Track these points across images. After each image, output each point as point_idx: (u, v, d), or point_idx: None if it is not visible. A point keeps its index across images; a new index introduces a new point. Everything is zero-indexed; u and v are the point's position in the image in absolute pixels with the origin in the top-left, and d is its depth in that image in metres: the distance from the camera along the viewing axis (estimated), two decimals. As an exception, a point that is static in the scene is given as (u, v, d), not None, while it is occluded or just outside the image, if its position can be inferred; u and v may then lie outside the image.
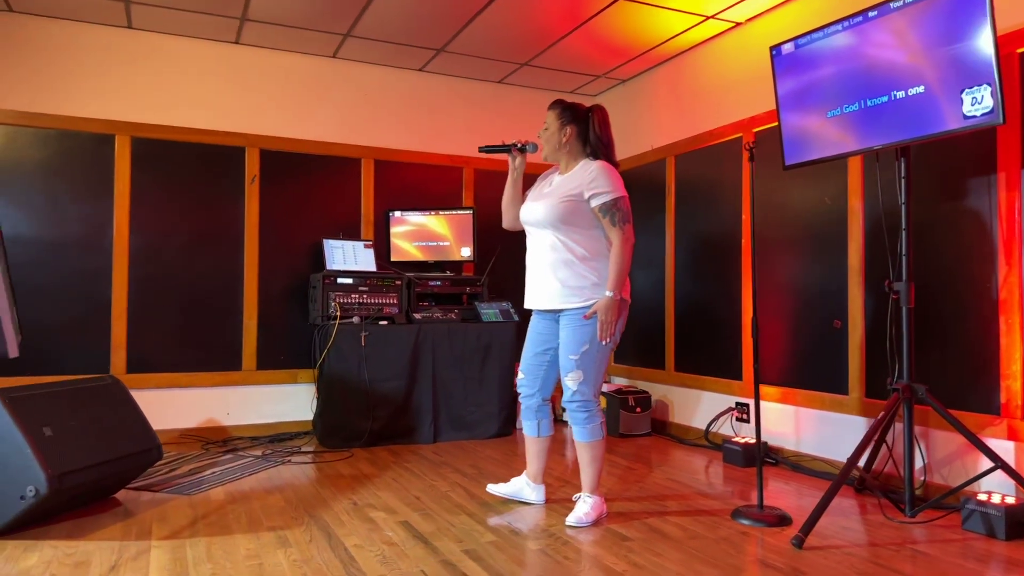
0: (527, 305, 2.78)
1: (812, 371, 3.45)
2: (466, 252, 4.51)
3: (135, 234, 4.03)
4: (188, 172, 4.17)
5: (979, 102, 2.23)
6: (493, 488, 2.90)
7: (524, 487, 2.86)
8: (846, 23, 2.61)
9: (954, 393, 2.79)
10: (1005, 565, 2.22)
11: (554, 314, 2.71)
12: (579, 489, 2.78)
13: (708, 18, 3.85)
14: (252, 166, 4.31)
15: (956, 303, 2.81)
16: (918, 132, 2.42)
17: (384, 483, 3.19)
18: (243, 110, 4.30)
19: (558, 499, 2.93)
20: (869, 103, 2.56)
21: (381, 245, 4.53)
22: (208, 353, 4.18)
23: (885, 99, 2.50)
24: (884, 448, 2.89)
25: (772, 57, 2.90)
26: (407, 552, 2.31)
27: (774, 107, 3.65)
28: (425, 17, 3.87)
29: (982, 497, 2.50)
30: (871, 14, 2.53)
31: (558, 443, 4.13)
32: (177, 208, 4.14)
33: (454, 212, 4.52)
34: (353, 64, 4.58)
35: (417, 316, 4.21)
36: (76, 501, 2.68)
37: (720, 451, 3.79)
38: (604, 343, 2.58)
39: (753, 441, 3.59)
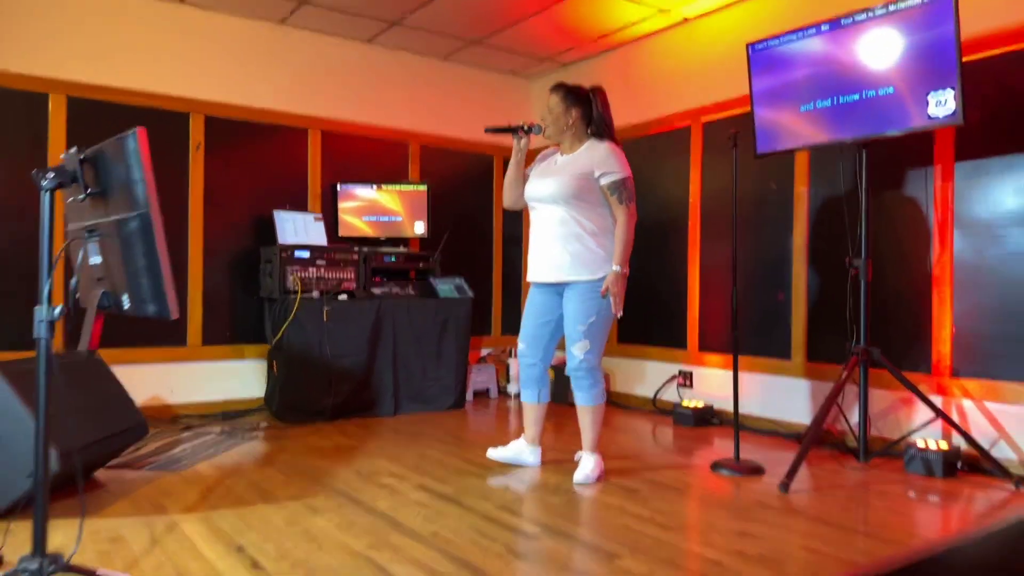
0: (531, 278, 2.91)
1: (757, 339, 3.81)
2: (420, 228, 4.55)
3: (72, 201, 3.76)
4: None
5: (943, 104, 2.60)
6: (493, 452, 3.02)
7: (523, 450, 3.00)
8: (822, 26, 2.93)
9: (894, 355, 3.21)
10: (945, 496, 2.63)
11: (558, 287, 2.86)
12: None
13: (660, 11, 4.10)
14: (197, 133, 4.12)
15: (896, 278, 3.23)
16: (886, 128, 2.77)
17: (373, 452, 3.23)
18: (188, 74, 4.09)
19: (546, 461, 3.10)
20: (841, 100, 2.89)
21: (329, 218, 4.47)
22: (150, 328, 3.98)
23: (856, 97, 2.84)
24: (835, 405, 3.27)
25: (749, 53, 3.19)
26: (444, 511, 2.40)
27: (723, 99, 3.99)
28: (393, -10, 3.86)
29: (920, 444, 2.93)
30: (844, 21, 2.85)
31: (503, 411, 4.30)
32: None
33: (407, 187, 4.54)
34: (303, 32, 4.46)
35: (377, 292, 4.22)
36: (71, 481, 2.54)
37: (668, 416, 4.11)
38: (601, 314, 2.77)
39: (702, 405, 3.92)
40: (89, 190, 1.44)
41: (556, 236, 2.78)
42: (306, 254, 4.07)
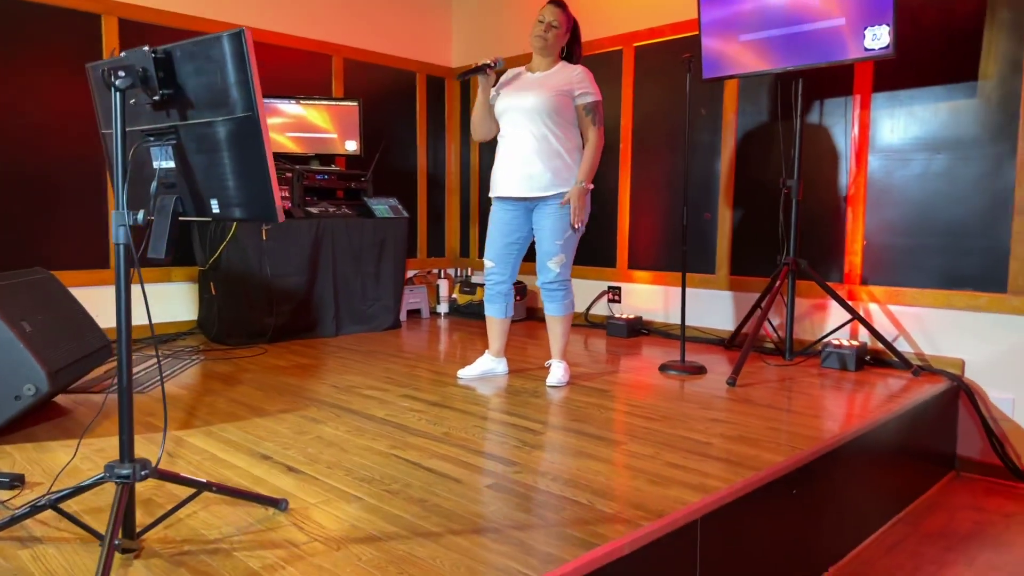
0: (504, 193, 3.00)
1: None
2: (351, 146, 4.46)
3: (-26, 109, 3.40)
4: (34, 41, 3.56)
5: (878, 38, 2.90)
6: (463, 372, 3.13)
7: (491, 363, 3.15)
8: (771, -40, 3.14)
9: (812, 267, 3.61)
10: (857, 385, 3.06)
11: (529, 203, 2.98)
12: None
13: (597, -66, 4.17)
14: (111, 38, 3.80)
15: (816, 198, 3.60)
16: (825, 59, 3.05)
17: (337, 369, 3.27)
18: (97, -30, 3.73)
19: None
20: (785, 31, 3.13)
21: (255, 136, 4.28)
22: (72, 250, 3.73)
23: (801, 28, 3.09)
24: (759, 311, 3.65)
25: (697, -19, 3.35)
26: (442, 415, 2.53)
27: (655, 25, 4.16)
28: None
29: (836, 343, 3.36)
30: (791, -45, 3.07)
31: (442, 330, 4.43)
32: (24, 83, 3.54)
33: (337, 103, 4.42)
34: (219, -69, 4.15)
35: (314, 211, 4.14)
36: (44, 405, 2.44)
37: (601, 328, 4.39)
38: (577, 228, 2.93)
39: (633, 316, 4.23)
40: (163, 92, 1.39)
41: (535, 152, 2.88)
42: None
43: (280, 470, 1.99)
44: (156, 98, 1.39)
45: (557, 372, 2.99)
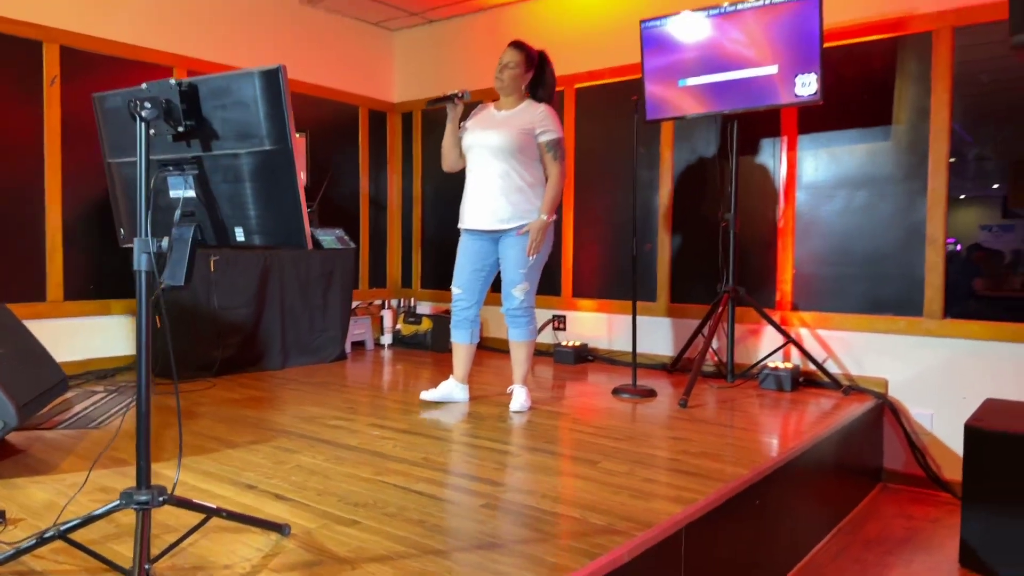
0: (469, 226, 3.10)
1: (627, 284, 4.32)
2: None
3: (-96, 135, 3.24)
4: (-30, 64, 3.44)
5: (807, 85, 3.19)
6: (426, 394, 3.19)
7: (454, 389, 3.21)
8: (710, 10, 3.40)
9: (748, 293, 3.86)
10: (794, 404, 3.29)
11: (495, 235, 3.09)
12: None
13: (540, -20, 4.38)
14: (52, 65, 3.70)
15: (750, 230, 3.86)
16: (760, 103, 3.32)
17: (294, 401, 3.26)
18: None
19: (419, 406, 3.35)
20: (723, 77, 3.39)
21: (198, 166, 4.24)
22: (5, 282, 3.57)
23: (736, 75, 3.35)
24: (701, 335, 3.86)
25: (641, 29, 3.58)
26: (415, 442, 2.57)
27: (596, 68, 4.39)
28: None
29: (772, 365, 3.60)
30: (728, 8, 3.34)
31: (390, 361, 4.46)
32: (-42, 107, 3.41)
33: (283, 136, 4.42)
34: (165, -38, 4.13)
35: (262, 241, 4.11)
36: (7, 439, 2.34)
37: (548, 356, 4.51)
38: (532, 257, 3.06)
39: (579, 344, 4.37)
40: (187, 123, 1.43)
41: (498, 188, 3.00)
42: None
43: (269, 498, 1.99)
44: (180, 129, 1.43)
45: (520, 397, 3.08)
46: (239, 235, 1.45)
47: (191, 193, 1.48)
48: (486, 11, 4.93)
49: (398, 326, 5.05)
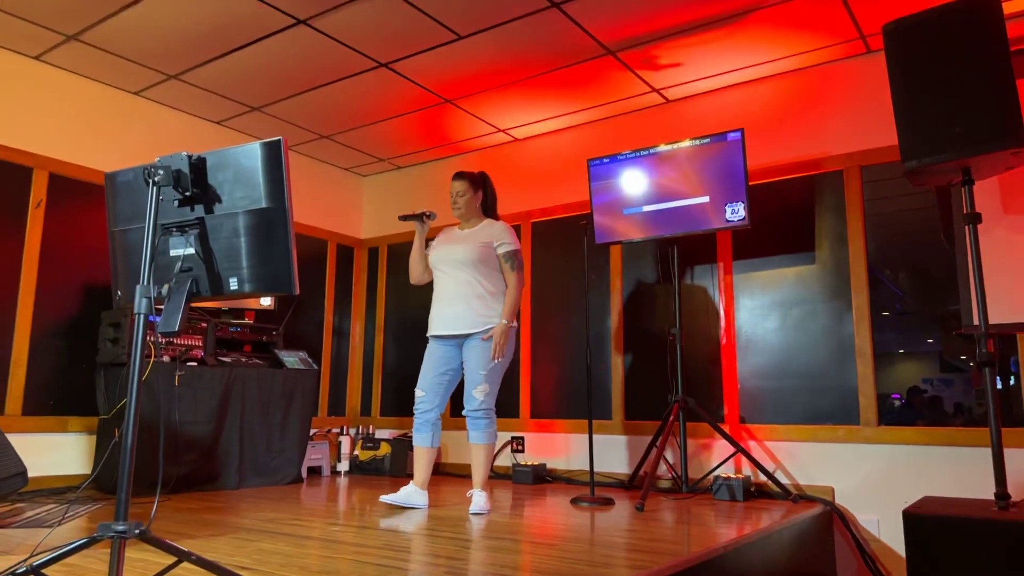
0: (436, 332, 3.31)
1: (582, 404, 4.47)
2: (266, 301, 4.64)
3: None
4: (-38, 184, 3.65)
5: (736, 212, 3.58)
6: (386, 498, 3.23)
7: (413, 493, 3.25)
8: (650, 150, 3.85)
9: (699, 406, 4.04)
10: (748, 511, 3.39)
11: (459, 340, 3.28)
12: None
13: (499, 131, 4.88)
14: (39, 190, 3.93)
15: (695, 348, 4.11)
16: (696, 227, 3.69)
17: (253, 509, 3.23)
18: (35, 129, 3.94)
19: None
20: (661, 206, 3.78)
21: (169, 289, 4.39)
22: (-38, 394, 3.57)
23: (673, 204, 3.74)
24: (655, 448, 3.98)
25: (589, 166, 4.01)
26: (392, 540, 2.59)
27: (549, 205, 4.80)
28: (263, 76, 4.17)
29: (724, 475, 3.72)
30: (663, 148, 3.79)
31: (344, 487, 4.43)
32: (-56, 223, 3.57)
33: (254, 263, 4.63)
34: (158, 106, 4.51)
35: (227, 359, 4.21)
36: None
37: (506, 479, 4.54)
38: (497, 360, 3.23)
39: (536, 463, 4.43)
40: (193, 190, 1.64)
41: (461, 295, 3.24)
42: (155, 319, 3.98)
43: (234, 567, 2.00)
44: (187, 194, 1.64)
45: (479, 500, 3.13)
46: (232, 285, 1.62)
47: (191, 250, 1.67)
48: (448, 158, 5.40)
49: (356, 452, 5.04)
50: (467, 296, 3.24)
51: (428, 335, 3.38)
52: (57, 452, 3.88)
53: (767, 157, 4.03)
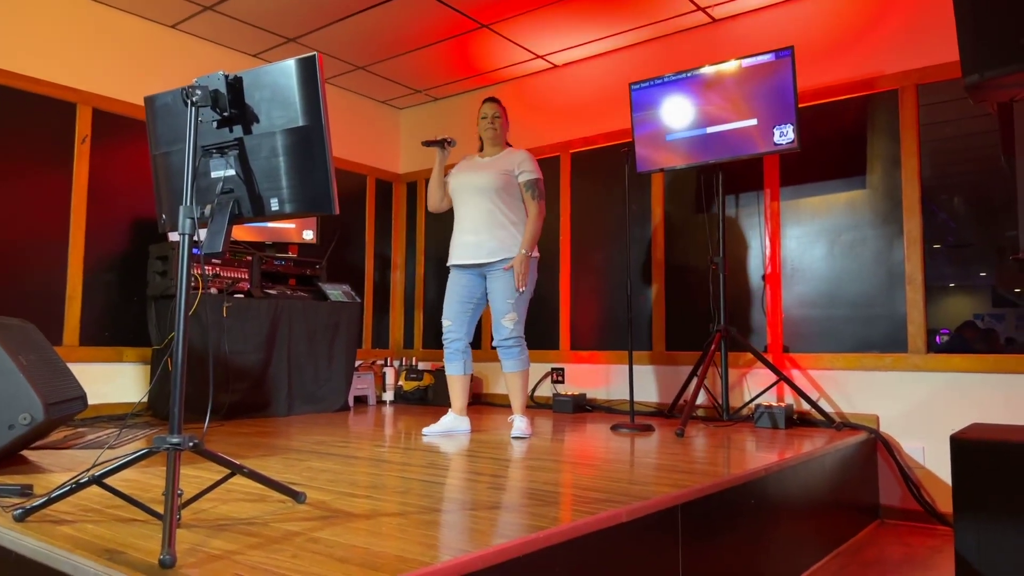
0: (458, 261, 3.31)
1: (622, 335, 4.47)
2: (308, 235, 4.69)
3: (-56, 182, 3.47)
4: (7, 123, 3.72)
5: (785, 135, 3.46)
6: (427, 429, 3.29)
7: (454, 421, 3.31)
8: (693, 73, 3.72)
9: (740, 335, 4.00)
10: (790, 437, 3.38)
11: (482, 268, 3.28)
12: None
13: (537, 56, 4.76)
14: (83, 125, 3.99)
15: (740, 277, 4.05)
16: (742, 152, 3.58)
17: (303, 433, 3.34)
18: (78, 65, 3.97)
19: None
20: (706, 131, 3.67)
21: (214, 224, 4.46)
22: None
23: (719, 128, 3.63)
24: (696, 377, 3.97)
25: (631, 91, 3.90)
26: (420, 455, 2.66)
27: (588, 134, 4.70)
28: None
29: (766, 404, 3.70)
30: (709, 70, 3.66)
31: (391, 414, 4.54)
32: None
33: (295, 197, 4.67)
34: (196, 40, 4.50)
35: (273, 292, 4.29)
36: (40, 437, 2.43)
37: (546, 408, 4.60)
38: (521, 291, 3.23)
39: (577, 392, 4.47)
40: (232, 111, 1.64)
41: (484, 224, 3.23)
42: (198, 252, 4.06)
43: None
44: (225, 114, 1.63)
45: (520, 425, 3.18)
46: (273, 205, 1.63)
47: (231, 172, 1.67)
48: (485, 88, 5.30)
49: (400, 383, 5.15)
50: (490, 225, 3.23)
51: (449, 264, 3.38)
52: (114, 381, 4.04)
53: (817, 77, 3.86)
